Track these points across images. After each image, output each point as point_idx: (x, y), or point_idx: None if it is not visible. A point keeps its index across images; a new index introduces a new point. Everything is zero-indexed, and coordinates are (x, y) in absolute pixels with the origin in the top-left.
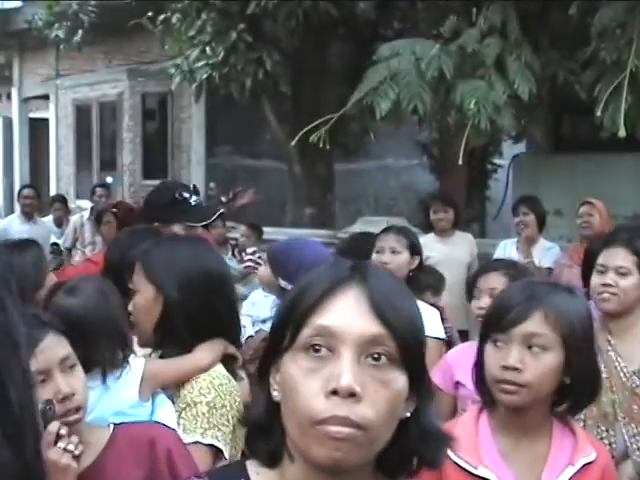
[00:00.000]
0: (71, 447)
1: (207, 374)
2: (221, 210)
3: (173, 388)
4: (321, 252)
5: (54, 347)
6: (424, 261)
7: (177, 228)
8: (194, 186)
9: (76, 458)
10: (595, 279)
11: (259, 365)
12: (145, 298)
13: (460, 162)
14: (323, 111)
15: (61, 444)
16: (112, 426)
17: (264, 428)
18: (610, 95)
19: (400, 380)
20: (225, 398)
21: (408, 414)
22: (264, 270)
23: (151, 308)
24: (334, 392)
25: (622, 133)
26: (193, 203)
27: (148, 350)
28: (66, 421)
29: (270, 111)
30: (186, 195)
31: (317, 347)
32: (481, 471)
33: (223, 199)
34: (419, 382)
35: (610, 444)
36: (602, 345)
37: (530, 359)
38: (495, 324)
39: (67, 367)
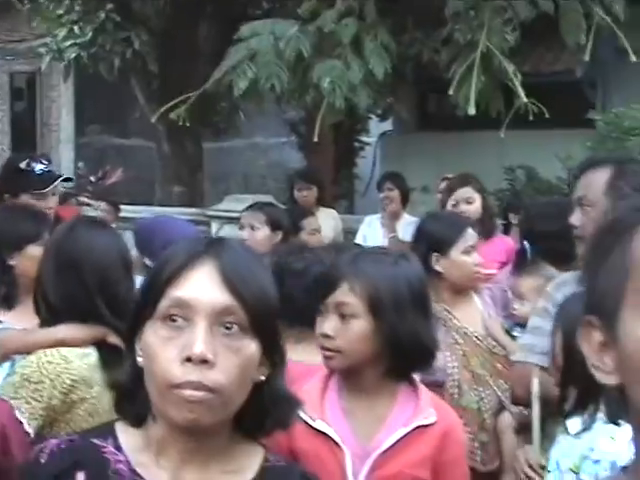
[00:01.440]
0: None
1: (45, 351)
2: (64, 176)
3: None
4: (186, 230)
5: None
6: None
7: (25, 197)
8: (42, 154)
9: None
10: (468, 259)
11: (126, 333)
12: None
13: (316, 139)
14: (190, 90)
15: None
16: None
17: (130, 392)
18: (463, 74)
19: (251, 347)
20: (47, 375)
21: (262, 378)
22: None
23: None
24: (188, 359)
25: (472, 111)
26: (38, 172)
27: None
28: None
29: (138, 90)
30: (33, 165)
31: (174, 317)
32: (319, 424)
33: (92, 178)
34: (271, 349)
35: (489, 402)
36: (442, 315)
37: (341, 326)
38: (319, 296)
39: None
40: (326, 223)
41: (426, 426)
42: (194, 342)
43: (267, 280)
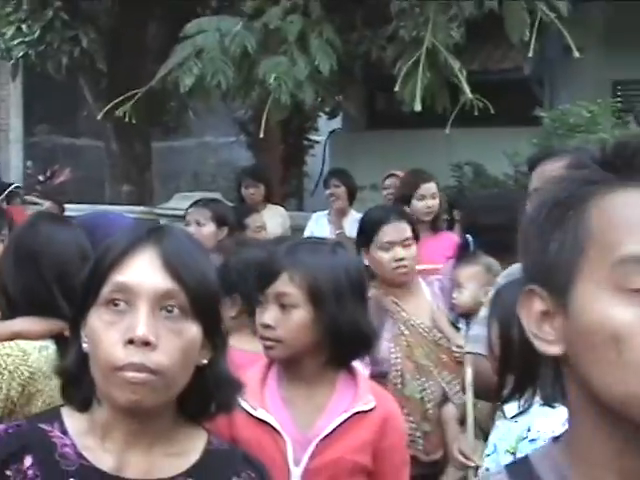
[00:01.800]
0: None
1: (3, 343)
2: (15, 185)
3: None
4: (128, 224)
5: None
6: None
7: None
8: None
9: None
10: (385, 255)
11: (71, 321)
12: None
13: (262, 135)
14: (138, 88)
15: None
16: None
17: (75, 377)
18: (409, 71)
19: (192, 330)
20: (5, 368)
21: (205, 361)
22: None
23: None
24: (131, 341)
25: (418, 107)
26: None
27: None
28: None
29: (87, 89)
30: None
31: (116, 302)
32: (260, 413)
33: (40, 178)
34: (213, 333)
35: (432, 392)
36: (390, 307)
37: (282, 316)
38: (259, 287)
39: None
40: (273, 220)
41: (365, 412)
42: (136, 325)
43: (208, 265)
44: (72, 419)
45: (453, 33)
